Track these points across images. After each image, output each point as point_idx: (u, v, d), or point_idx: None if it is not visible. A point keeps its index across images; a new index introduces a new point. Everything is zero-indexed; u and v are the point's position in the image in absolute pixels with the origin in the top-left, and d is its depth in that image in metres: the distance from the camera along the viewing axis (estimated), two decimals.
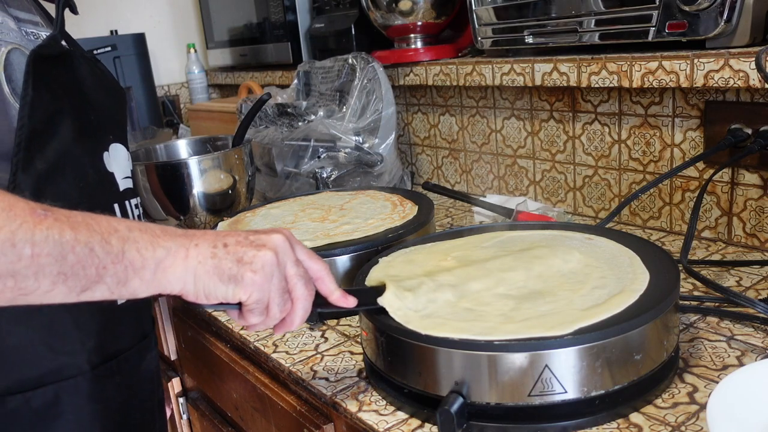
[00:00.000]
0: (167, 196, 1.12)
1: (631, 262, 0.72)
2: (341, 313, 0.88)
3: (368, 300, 0.66)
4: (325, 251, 0.87)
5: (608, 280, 0.68)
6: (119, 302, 0.73)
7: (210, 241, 0.57)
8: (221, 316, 0.94)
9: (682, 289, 0.83)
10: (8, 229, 0.46)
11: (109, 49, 2.00)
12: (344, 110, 1.35)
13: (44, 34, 0.75)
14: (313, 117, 1.38)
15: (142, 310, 0.83)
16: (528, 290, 0.68)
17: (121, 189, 0.81)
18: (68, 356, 0.70)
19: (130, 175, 0.84)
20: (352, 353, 0.79)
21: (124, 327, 0.78)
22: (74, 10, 0.82)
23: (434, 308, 0.66)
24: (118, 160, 0.81)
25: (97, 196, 0.76)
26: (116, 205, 0.79)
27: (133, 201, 0.84)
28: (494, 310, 0.64)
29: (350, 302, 0.64)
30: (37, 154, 0.67)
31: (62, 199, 0.68)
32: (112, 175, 0.79)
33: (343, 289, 0.64)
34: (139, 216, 0.85)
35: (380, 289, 0.67)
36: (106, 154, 0.78)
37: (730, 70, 0.87)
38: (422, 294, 0.67)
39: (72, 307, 0.66)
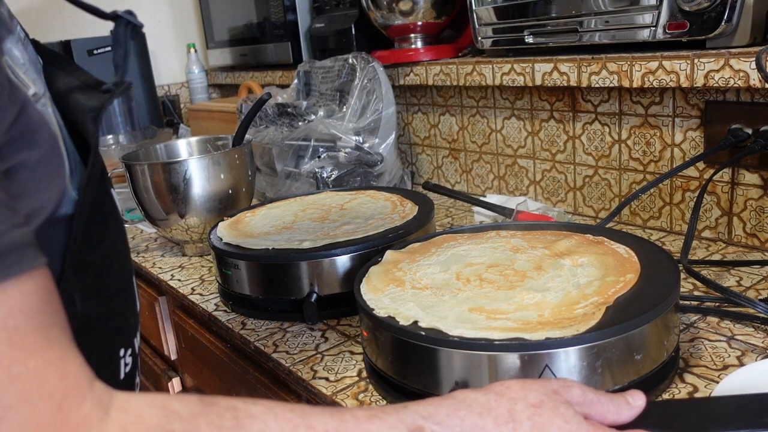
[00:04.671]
0: (167, 196, 1.12)
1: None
2: (342, 312, 0.89)
3: None
4: (325, 251, 0.87)
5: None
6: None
7: None
8: (221, 316, 0.94)
9: (682, 289, 0.83)
10: None
11: (109, 49, 2.00)
12: (344, 110, 1.35)
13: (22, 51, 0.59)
14: (313, 117, 1.38)
15: None
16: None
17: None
18: None
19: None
20: (352, 353, 0.79)
21: None
22: (136, 36, 0.65)
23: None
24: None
25: (126, 279, 0.62)
26: (135, 281, 0.67)
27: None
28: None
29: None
30: (88, 248, 0.53)
31: (105, 294, 0.57)
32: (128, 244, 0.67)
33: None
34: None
35: None
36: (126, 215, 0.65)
37: (731, 70, 0.87)
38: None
39: None
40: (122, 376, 0.59)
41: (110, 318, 0.59)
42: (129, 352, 0.60)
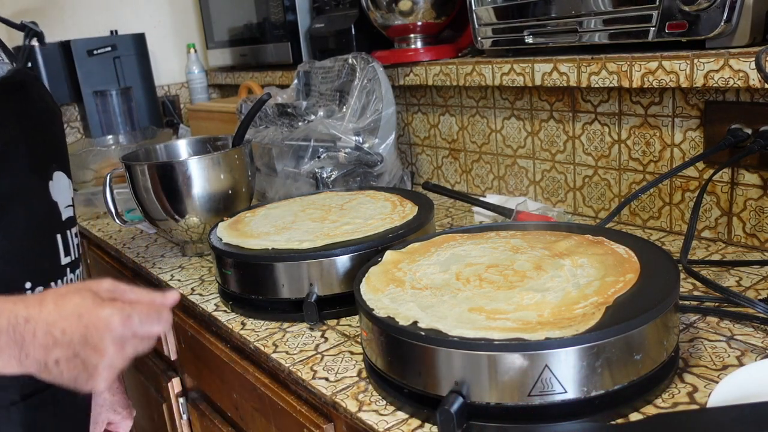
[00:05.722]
0: (167, 196, 1.12)
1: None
2: (342, 312, 0.89)
3: None
4: (325, 251, 0.87)
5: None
6: None
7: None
8: (221, 316, 0.94)
9: (682, 289, 0.83)
10: None
11: (109, 49, 2.00)
12: (344, 110, 1.35)
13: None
14: (313, 117, 1.38)
15: None
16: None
17: (64, 218, 0.84)
18: None
19: (71, 203, 0.87)
20: (352, 353, 0.79)
21: None
22: (42, 41, 0.87)
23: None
24: (61, 189, 0.84)
25: (42, 227, 0.80)
26: (59, 236, 0.82)
27: (73, 230, 0.87)
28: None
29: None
30: None
31: (9, 231, 0.74)
32: (56, 204, 0.82)
33: None
34: (77, 245, 0.87)
35: None
36: (51, 183, 0.82)
37: (730, 70, 0.87)
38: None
39: None
40: None
41: (13, 253, 0.75)
42: (39, 289, 0.77)
